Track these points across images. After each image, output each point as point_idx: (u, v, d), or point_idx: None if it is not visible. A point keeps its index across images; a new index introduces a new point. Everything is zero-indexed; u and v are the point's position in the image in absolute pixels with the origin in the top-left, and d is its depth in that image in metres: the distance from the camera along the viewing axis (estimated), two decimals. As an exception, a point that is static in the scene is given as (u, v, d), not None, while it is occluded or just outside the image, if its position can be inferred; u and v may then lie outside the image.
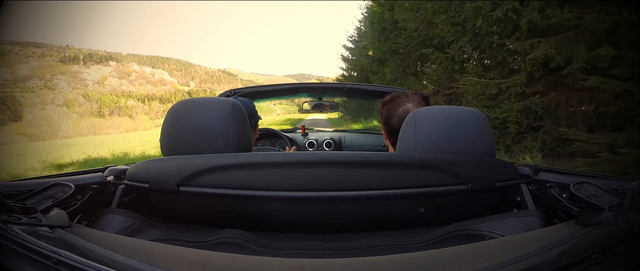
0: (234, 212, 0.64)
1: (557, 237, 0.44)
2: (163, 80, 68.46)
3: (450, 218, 0.62)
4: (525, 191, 0.69)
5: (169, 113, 0.68)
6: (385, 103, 0.90)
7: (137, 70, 65.93)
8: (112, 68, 63.45)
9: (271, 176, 0.59)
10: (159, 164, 0.65)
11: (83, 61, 62.06)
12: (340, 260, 0.43)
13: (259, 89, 1.72)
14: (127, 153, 10.73)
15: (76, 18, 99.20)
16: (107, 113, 51.85)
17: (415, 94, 0.88)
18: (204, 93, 66.45)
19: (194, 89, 70.74)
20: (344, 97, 2.12)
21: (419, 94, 0.88)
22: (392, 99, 0.89)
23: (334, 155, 0.62)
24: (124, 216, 0.60)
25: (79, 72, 58.25)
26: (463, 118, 0.66)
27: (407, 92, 0.90)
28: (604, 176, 0.66)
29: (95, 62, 62.46)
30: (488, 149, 0.66)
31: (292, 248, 0.57)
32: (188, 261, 0.40)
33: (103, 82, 59.18)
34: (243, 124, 0.68)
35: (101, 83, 58.81)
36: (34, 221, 0.44)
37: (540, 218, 0.59)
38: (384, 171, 0.60)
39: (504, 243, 0.48)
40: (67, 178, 0.62)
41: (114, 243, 0.44)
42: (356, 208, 0.63)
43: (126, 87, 61.94)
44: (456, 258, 0.43)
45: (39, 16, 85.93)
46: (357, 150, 2.04)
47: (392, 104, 0.88)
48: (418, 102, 0.86)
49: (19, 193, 0.54)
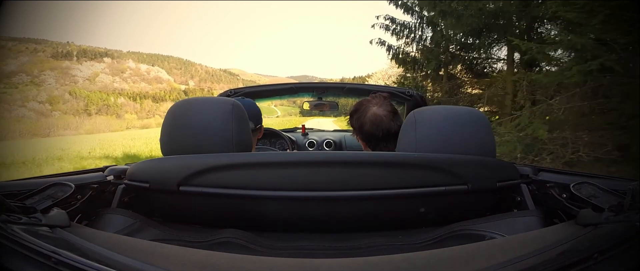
0: (234, 212, 0.64)
1: (557, 237, 0.44)
2: (159, 78, 65.76)
3: (450, 218, 0.62)
4: (525, 191, 0.69)
5: (169, 113, 0.68)
6: (352, 114, 0.92)
7: (132, 67, 62.99)
8: (106, 65, 60.87)
9: (271, 176, 0.59)
10: (159, 163, 0.65)
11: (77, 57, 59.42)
12: (340, 260, 0.43)
13: (258, 88, 1.72)
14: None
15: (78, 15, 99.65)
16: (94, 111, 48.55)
17: (377, 97, 0.90)
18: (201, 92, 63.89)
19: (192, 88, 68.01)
20: (344, 97, 2.01)
21: (379, 96, 0.90)
22: (357, 109, 0.91)
23: (334, 155, 0.64)
24: (124, 216, 0.60)
25: (69, 68, 55.85)
26: (463, 118, 0.66)
27: (370, 96, 0.92)
28: (604, 176, 0.65)
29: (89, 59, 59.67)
30: (488, 149, 0.66)
31: (292, 248, 0.57)
32: (188, 261, 0.41)
33: (94, 78, 56.48)
34: (243, 124, 0.68)
35: (92, 80, 56.10)
36: (34, 221, 0.44)
37: (540, 218, 0.59)
38: (384, 171, 0.60)
39: (504, 243, 0.48)
40: (67, 178, 0.62)
41: (114, 243, 0.44)
42: (356, 208, 0.63)
43: (119, 84, 59.32)
44: (456, 258, 0.43)
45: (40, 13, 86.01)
46: (357, 150, 1.70)
47: (359, 112, 0.90)
48: (381, 103, 0.88)
49: (19, 192, 0.54)
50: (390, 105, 0.90)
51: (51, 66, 54.53)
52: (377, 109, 0.87)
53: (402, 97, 1.52)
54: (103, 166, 0.77)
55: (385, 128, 0.86)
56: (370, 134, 0.86)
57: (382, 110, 0.87)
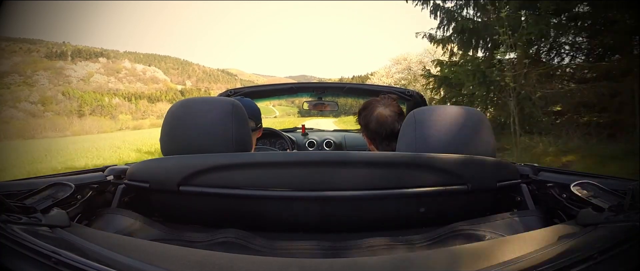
0: (234, 212, 0.63)
1: (557, 237, 0.44)
2: (155, 78, 64.66)
3: (450, 218, 0.61)
4: (525, 191, 0.69)
5: (169, 113, 0.68)
6: (361, 112, 0.96)
7: (127, 67, 61.86)
8: (101, 65, 59.62)
9: (271, 176, 0.59)
10: (159, 163, 0.65)
11: (71, 57, 58.37)
12: (340, 260, 0.43)
13: (258, 88, 1.70)
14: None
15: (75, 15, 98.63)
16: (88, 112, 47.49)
17: (386, 98, 0.94)
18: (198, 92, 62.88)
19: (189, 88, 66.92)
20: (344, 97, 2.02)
21: (388, 97, 0.94)
22: (366, 106, 0.94)
23: (334, 155, 0.63)
24: (124, 216, 0.59)
25: (63, 69, 54.62)
26: (463, 118, 0.66)
27: (379, 97, 0.95)
28: (604, 176, 0.65)
29: (84, 59, 58.62)
30: (488, 149, 0.66)
31: (292, 248, 0.56)
32: (188, 261, 0.41)
33: (88, 79, 55.20)
34: (243, 124, 0.67)
35: (86, 80, 54.85)
36: (34, 221, 0.44)
37: (540, 218, 0.59)
38: (383, 171, 0.60)
39: (504, 243, 0.48)
40: (67, 178, 0.62)
41: (114, 243, 0.44)
42: (356, 208, 0.63)
43: (114, 84, 58.10)
44: (456, 258, 0.42)
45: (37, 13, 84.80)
46: (357, 150, 1.84)
47: (367, 110, 0.93)
48: (388, 104, 0.92)
49: (19, 192, 0.54)
50: (397, 106, 0.92)
51: (45, 66, 53.50)
52: (383, 109, 0.90)
53: (402, 97, 1.51)
54: (103, 166, 0.77)
55: (389, 128, 0.88)
56: (375, 132, 0.90)
57: (388, 111, 0.90)
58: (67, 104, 48.05)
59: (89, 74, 56.59)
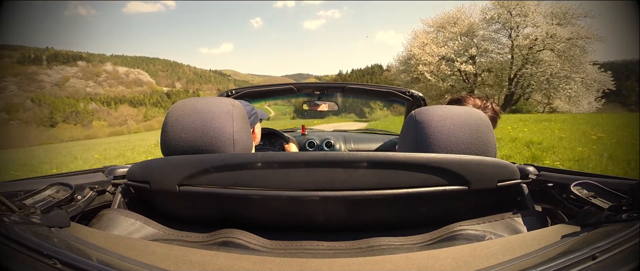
0: (234, 212, 0.64)
1: (557, 237, 0.45)
2: (139, 80, 60.61)
3: (450, 218, 0.61)
4: (525, 191, 0.68)
5: (169, 113, 0.68)
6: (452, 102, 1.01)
7: (108, 70, 57.21)
8: (79, 68, 55.12)
9: (271, 176, 0.59)
10: (159, 164, 0.64)
11: (46, 61, 53.67)
12: (340, 260, 0.44)
13: (256, 89, 1.68)
14: None
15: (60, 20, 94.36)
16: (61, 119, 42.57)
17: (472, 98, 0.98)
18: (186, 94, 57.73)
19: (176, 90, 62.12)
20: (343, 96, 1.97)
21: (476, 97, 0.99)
22: (458, 100, 1.00)
23: (334, 155, 0.61)
24: (124, 216, 0.59)
25: (35, 74, 50.40)
26: (463, 118, 0.66)
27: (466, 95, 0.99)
28: (604, 176, 0.64)
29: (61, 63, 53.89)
30: (488, 149, 0.65)
31: (292, 248, 0.57)
32: (188, 261, 0.41)
33: (63, 84, 50.66)
34: (243, 124, 0.68)
35: (61, 85, 50.33)
36: (34, 221, 0.43)
37: (540, 218, 0.59)
38: (384, 171, 0.59)
39: (504, 243, 0.48)
40: (67, 178, 0.62)
41: (114, 243, 0.44)
42: (356, 208, 0.63)
43: (92, 89, 54.06)
44: (456, 258, 0.43)
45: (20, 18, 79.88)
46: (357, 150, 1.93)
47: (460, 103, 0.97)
48: (474, 104, 0.96)
49: (19, 192, 0.54)
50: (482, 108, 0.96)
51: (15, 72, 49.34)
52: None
53: (402, 97, 1.52)
54: (103, 166, 0.76)
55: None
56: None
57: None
58: (37, 111, 43.38)
59: (65, 79, 52.45)
